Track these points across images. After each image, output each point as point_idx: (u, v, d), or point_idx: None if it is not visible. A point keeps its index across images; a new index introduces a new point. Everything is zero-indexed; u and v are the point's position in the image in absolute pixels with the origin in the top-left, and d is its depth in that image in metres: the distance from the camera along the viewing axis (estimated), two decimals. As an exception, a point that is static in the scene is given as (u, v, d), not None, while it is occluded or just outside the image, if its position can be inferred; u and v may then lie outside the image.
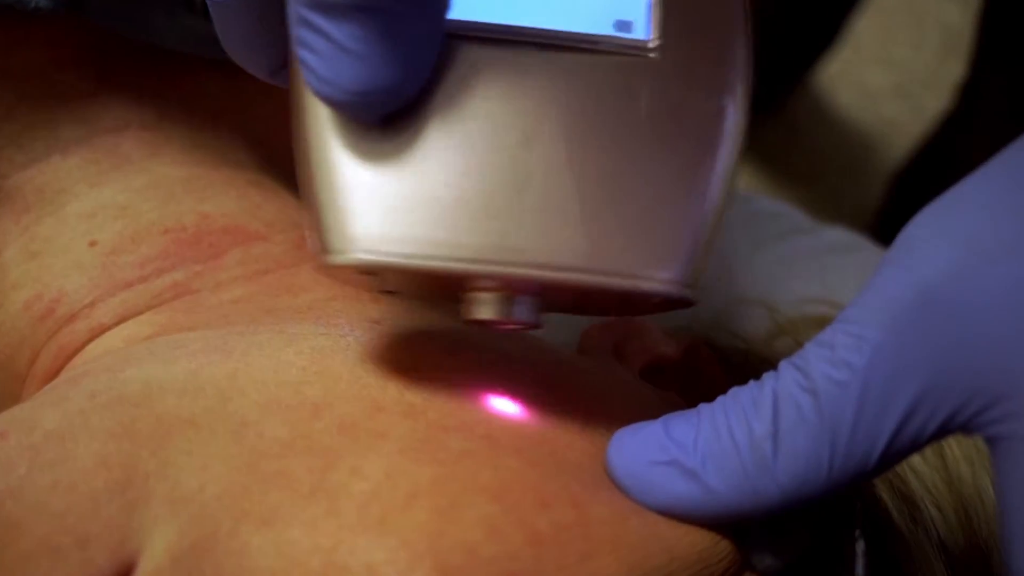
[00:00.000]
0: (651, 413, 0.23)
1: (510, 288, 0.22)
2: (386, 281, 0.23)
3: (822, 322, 0.36)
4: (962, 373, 0.20)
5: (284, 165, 0.34)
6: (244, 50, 0.23)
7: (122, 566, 0.21)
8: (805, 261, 0.43)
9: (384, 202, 0.21)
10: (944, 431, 0.20)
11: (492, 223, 0.21)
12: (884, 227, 0.93)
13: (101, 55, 0.31)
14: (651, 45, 0.22)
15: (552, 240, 0.21)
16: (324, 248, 0.21)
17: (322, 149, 0.21)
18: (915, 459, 0.27)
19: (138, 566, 0.21)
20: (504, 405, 0.23)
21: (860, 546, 0.22)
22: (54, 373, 0.29)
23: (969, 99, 0.90)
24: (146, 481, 0.21)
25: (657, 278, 0.21)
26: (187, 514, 0.21)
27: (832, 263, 0.43)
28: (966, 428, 0.20)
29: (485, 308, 0.22)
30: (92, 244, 0.29)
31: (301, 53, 0.20)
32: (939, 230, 0.21)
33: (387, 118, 0.21)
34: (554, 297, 0.23)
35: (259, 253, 0.30)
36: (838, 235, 0.45)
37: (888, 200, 0.98)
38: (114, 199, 0.30)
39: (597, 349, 0.29)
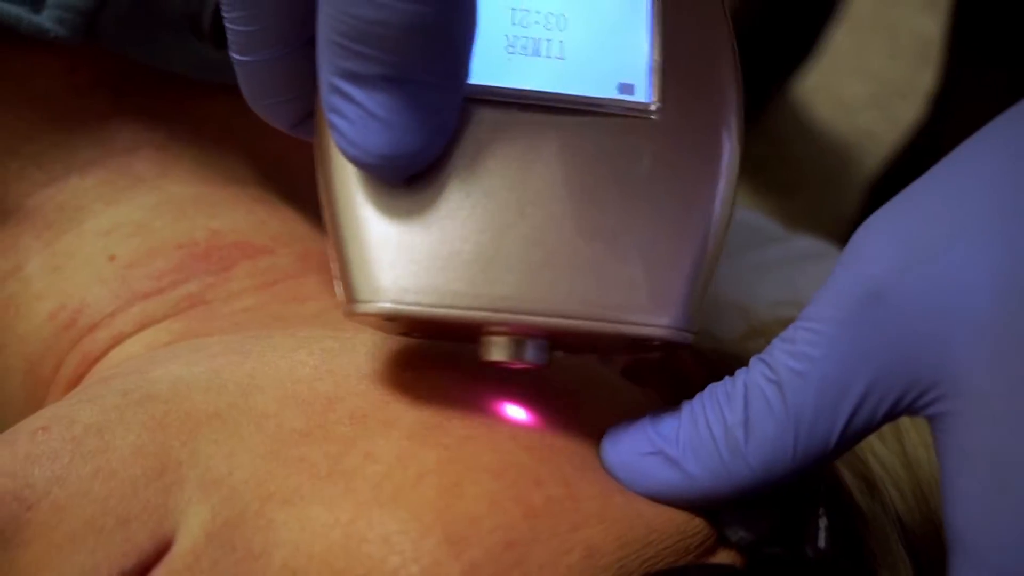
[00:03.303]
0: (634, 407, 0.25)
1: (521, 333, 0.23)
2: (408, 326, 0.24)
3: (792, 323, 0.39)
4: (904, 363, 0.22)
5: (285, 179, 0.35)
6: (268, 105, 0.24)
7: (161, 543, 0.22)
8: (778, 267, 0.45)
9: (408, 256, 0.22)
10: (893, 414, 0.22)
11: (506, 275, 0.22)
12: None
13: (116, 80, 0.32)
14: (652, 108, 0.23)
15: (561, 290, 0.22)
16: (352, 298, 0.23)
17: (349, 206, 0.23)
18: (876, 444, 0.29)
19: (176, 542, 0.22)
20: (502, 399, 0.25)
21: (823, 521, 0.24)
22: (78, 379, 0.30)
23: (940, 108, 0.92)
24: (179, 468, 0.23)
25: (658, 324, 0.23)
26: (218, 496, 0.23)
27: (802, 269, 0.44)
28: (911, 410, 0.22)
29: (498, 351, 0.23)
30: (111, 259, 0.31)
31: (331, 118, 0.21)
32: (884, 231, 0.23)
33: (411, 177, 0.22)
34: (563, 340, 0.24)
35: (266, 266, 0.31)
36: (808, 243, 0.47)
37: (865, 209, 0.99)
38: (129, 216, 0.31)
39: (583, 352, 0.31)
